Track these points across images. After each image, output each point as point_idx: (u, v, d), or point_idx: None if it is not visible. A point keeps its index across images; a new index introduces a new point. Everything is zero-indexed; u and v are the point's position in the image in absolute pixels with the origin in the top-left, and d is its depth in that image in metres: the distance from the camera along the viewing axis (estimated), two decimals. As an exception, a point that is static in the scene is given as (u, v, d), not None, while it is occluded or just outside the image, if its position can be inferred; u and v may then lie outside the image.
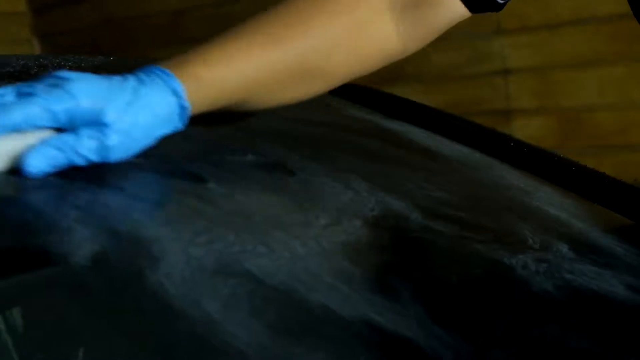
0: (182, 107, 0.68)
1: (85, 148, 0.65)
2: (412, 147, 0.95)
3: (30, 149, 0.64)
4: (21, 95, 0.64)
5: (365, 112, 1.01)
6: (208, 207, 0.69)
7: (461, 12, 0.82)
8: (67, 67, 0.91)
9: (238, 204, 0.72)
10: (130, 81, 0.68)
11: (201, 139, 0.78)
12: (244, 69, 0.73)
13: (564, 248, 0.77)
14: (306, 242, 0.68)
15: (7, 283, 0.57)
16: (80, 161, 0.65)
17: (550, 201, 0.90)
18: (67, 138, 0.65)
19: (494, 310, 0.67)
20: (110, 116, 0.65)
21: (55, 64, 0.93)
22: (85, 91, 0.65)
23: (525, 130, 2.31)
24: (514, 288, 0.70)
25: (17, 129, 0.64)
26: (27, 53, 3.20)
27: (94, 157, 0.66)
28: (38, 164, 0.64)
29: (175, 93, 0.68)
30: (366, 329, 0.60)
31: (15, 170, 0.65)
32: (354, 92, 1.02)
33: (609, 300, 0.71)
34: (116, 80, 0.67)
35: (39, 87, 0.65)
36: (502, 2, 0.83)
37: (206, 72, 0.70)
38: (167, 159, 0.72)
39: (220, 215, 0.69)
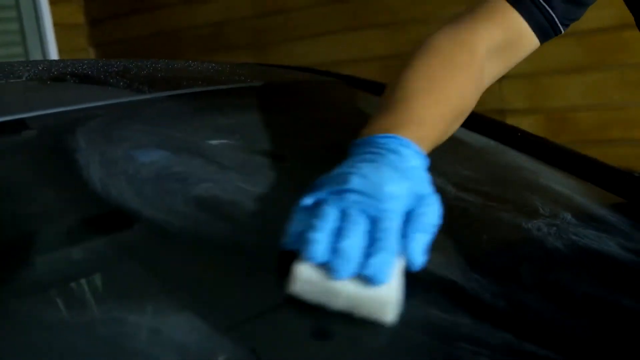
0: (426, 161, 0.71)
1: (433, 220, 0.64)
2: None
3: (410, 249, 0.61)
4: (375, 222, 0.61)
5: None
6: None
7: (535, 44, 0.88)
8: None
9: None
10: (396, 156, 0.67)
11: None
12: (436, 123, 0.76)
13: (568, 216, 0.83)
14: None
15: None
16: (435, 232, 0.64)
17: (554, 180, 0.95)
18: (421, 222, 0.63)
19: (518, 261, 0.74)
20: (423, 190, 0.66)
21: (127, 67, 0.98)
22: (401, 195, 0.63)
23: (518, 127, 2.35)
24: (531, 245, 0.76)
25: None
26: (85, 59, 3.22)
27: (438, 223, 0.64)
28: (423, 257, 0.62)
29: (422, 157, 0.70)
30: (421, 274, 0.65)
31: None
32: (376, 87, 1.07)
33: (606, 256, 0.77)
34: (396, 168, 0.66)
35: (387, 214, 0.62)
36: (563, 31, 0.91)
37: (423, 136, 0.72)
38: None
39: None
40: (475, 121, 1.08)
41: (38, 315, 0.52)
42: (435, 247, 0.68)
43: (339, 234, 0.59)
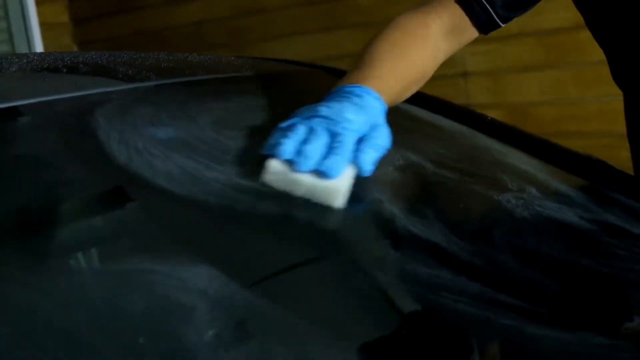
0: (384, 106, 0.83)
1: (382, 143, 0.77)
2: (418, 120, 1.08)
3: (360, 159, 0.74)
4: (335, 136, 0.75)
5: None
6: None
7: (476, 34, 1.01)
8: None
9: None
10: (359, 99, 0.80)
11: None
12: (395, 82, 0.89)
13: (534, 190, 0.90)
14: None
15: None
16: (383, 153, 0.77)
17: (520, 160, 1.02)
18: (372, 142, 0.76)
19: (490, 226, 0.80)
20: (379, 120, 0.79)
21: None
22: (358, 121, 0.77)
23: (482, 121, 2.41)
24: (502, 213, 0.82)
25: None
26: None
27: (388, 146, 0.78)
28: (373, 167, 0.75)
29: (379, 100, 0.82)
30: (405, 235, 0.72)
31: None
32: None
33: (566, 224, 0.84)
34: (353, 101, 0.79)
35: (345, 126, 0.75)
36: (502, 24, 1.00)
37: (381, 87, 0.84)
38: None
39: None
40: (449, 109, 1.15)
41: (79, 266, 0.57)
42: (419, 214, 0.75)
43: (304, 142, 0.74)
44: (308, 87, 1.12)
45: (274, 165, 0.72)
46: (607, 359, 0.63)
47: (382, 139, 0.78)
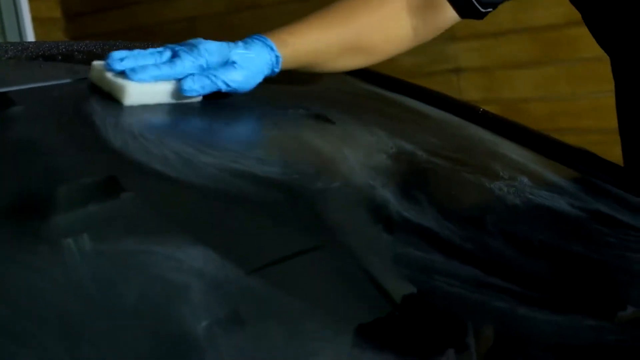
0: (277, 57, 0.85)
1: (224, 77, 0.79)
2: (411, 111, 1.08)
3: (187, 78, 0.78)
4: (175, 56, 0.80)
5: (374, 87, 1.13)
6: (274, 136, 0.83)
7: (454, 16, 0.97)
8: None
9: (293, 138, 0.85)
10: (240, 42, 0.84)
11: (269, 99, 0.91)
12: (313, 41, 0.90)
13: (525, 179, 0.90)
14: (346, 164, 0.81)
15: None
16: (222, 87, 0.80)
17: (512, 151, 1.03)
18: (212, 72, 0.79)
19: (482, 212, 0.81)
20: (234, 58, 0.81)
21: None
22: (214, 49, 0.81)
23: (474, 117, 2.43)
24: (494, 200, 0.83)
25: (176, 77, 0.79)
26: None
27: (231, 85, 0.81)
28: (194, 87, 0.78)
29: (271, 47, 0.84)
30: (397, 219, 0.73)
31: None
32: (367, 74, 1.15)
33: (556, 211, 0.85)
34: (231, 44, 0.83)
35: (185, 49, 0.80)
36: (484, 11, 0.97)
37: (290, 39, 0.87)
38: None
39: (283, 142, 0.83)
40: (438, 98, 1.16)
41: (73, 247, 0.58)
42: (410, 199, 0.75)
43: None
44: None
45: (96, 64, 0.80)
46: (597, 341, 0.64)
47: (226, 75, 0.79)
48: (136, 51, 0.80)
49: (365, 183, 0.79)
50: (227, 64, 0.81)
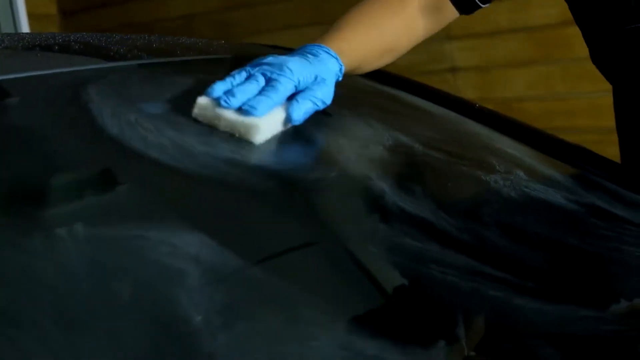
0: (341, 66, 0.86)
1: (322, 96, 0.80)
2: (407, 104, 1.09)
3: (293, 106, 0.77)
4: (270, 81, 0.78)
5: (371, 82, 1.13)
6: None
7: (455, 14, 1.01)
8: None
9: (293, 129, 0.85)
10: (308, 53, 0.84)
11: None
12: (360, 46, 0.92)
13: (521, 173, 0.91)
14: (343, 153, 0.81)
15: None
16: (320, 106, 0.80)
17: (508, 145, 1.03)
18: (311, 93, 0.79)
19: (478, 203, 0.81)
20: (323, 75, 0.82)
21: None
22: (300, 67, 0.80)
23: (470, 115, 2.43)
24: (490, 192, 0.83)
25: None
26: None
27: (327, 102, 0.81)
28: (301, 115, 0.78)
29: (336, 58, 0.85)
30: (393, 209, 0.73)
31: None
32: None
33: (552, 204, 0.85)
34: (306, 57, 0.83)
35: (276, 71, 0.78)
36: (483, 5, 0.99)
37: (345, 47, 0.88)
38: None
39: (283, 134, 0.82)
40: (434, 94, 1.16)
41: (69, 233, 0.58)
42: (405, 189, 0.76)
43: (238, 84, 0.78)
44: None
45: (201, 101, 0.77)
46: (591, 331, 0.64)
47: (321, 93, 0.80)
48: (232, 79, 0.78)
49: (362, 174, 0.80)
50: (317, 81, 0.81)
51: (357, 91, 1.06)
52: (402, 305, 0.63)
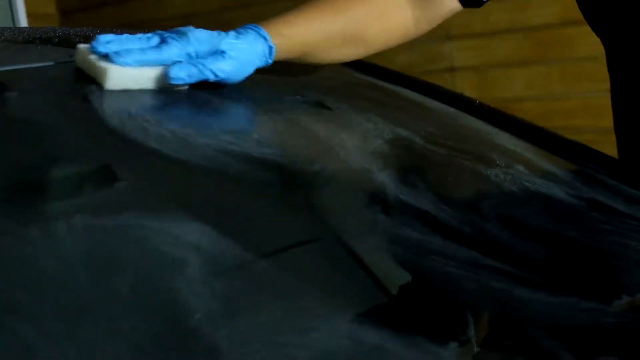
0: (270, 47, 0.82)
1: (212, 67, 0.77)
2: (407, 100, 1.08)
3: (174, 65, 0.75)
4: (162, 42, 0.77)
5: (370, 77, 1.13)
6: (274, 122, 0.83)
7: (455, 6, 0.95)
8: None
9: (292, 123, 0.85)
10: (233, 31, 0.81)
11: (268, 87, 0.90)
12: (309, 30, 0.87)
13: (521, 167, 0.90)
14: (343, 148, 0.81)
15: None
16: (210, 76, 0.77)
17: (507, 141, 1.03)
18: (200, 60, 0.77)
19: (479, 196, 0.81)
20: (224, 47, 0.78)
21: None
22: (204, 37, 0.78)
23: (468, 115, 2.44)
24: (490, 186, 0.83)
25: (162, 64, 0.76)
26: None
27: (219, 75, 0.77)
28: (180, 75, 0.75)
29: (265, 38, 0.82)
30: (395, 204, 0.73)
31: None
32: (364, 66, 1.15)
33: (553, 198, 0.85)
34: (225, 34, 0.80)
35: (174, 36, 0.77)
36: (485, 0, 0.96)
37: (285, 29, 0.84)
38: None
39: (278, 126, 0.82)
40: (434, 90, 1.16)
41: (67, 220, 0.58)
42: (407, 183, 0.75)
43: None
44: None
45: (81, 47, 0.78)
46: (594, 322, 0.63)
47: (215, 64, 0.77)
48: (124, 35, 0.78)
49: (362, 167, 0.79)
50: (217, 53, 0.78)
51: (355, 86, 1.06)
52: (404, 297, 0.63)
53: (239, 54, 0.79)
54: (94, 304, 0.53)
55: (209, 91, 0.82)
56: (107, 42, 0.76)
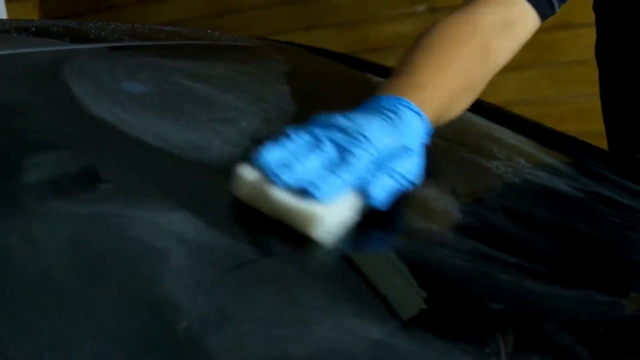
0: (428, 126, 0.69)
1: (404, 172, 0.62)
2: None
3: (373, 185, 0.59)
4: (342, 152, 0.60)
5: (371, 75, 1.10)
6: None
7: (537, 23, 0.88)
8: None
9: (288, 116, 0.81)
10: (395, 116, 0.66)
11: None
12: (440, 89, 0.73)
13: (522, 160, 0.88)
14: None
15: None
16: (406, 185, 0.62)
17: (507, 136, 1.01)
18: (391, 167, 0.61)
19: (483, 188, 0.78)
20: (410, 145, 0.64)
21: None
22: (381, 141, 0.62)
23: (459, 120, 2.42)
24: (493, 178, 0.81)
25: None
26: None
27: (410, 179, 0.62)
28: (385, 196, 0.60)
29: (421, 116, 0.67)
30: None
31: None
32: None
33: (556, 190, 0.83)
34: (388, 120, 0.65)
35: (348, 139, 0.61)
36: (557, 9, 0.90)
37: (426, 96, 0.70)
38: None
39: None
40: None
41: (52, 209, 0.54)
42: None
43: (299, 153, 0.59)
44: (279, 58, 1.10)
45: (244, 173, 0.56)
46: (607, 316, 0.60)
47: (404, 166, 0.61)
48: (288, 144, 0.60)
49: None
50: (401, 150, 0.63)
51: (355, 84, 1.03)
52: (414, 291, 0.59)
53: (416, 144, 0.64)
54: (74, 295, 0.49)
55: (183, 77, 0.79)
56: (280, 160, 0.58)
